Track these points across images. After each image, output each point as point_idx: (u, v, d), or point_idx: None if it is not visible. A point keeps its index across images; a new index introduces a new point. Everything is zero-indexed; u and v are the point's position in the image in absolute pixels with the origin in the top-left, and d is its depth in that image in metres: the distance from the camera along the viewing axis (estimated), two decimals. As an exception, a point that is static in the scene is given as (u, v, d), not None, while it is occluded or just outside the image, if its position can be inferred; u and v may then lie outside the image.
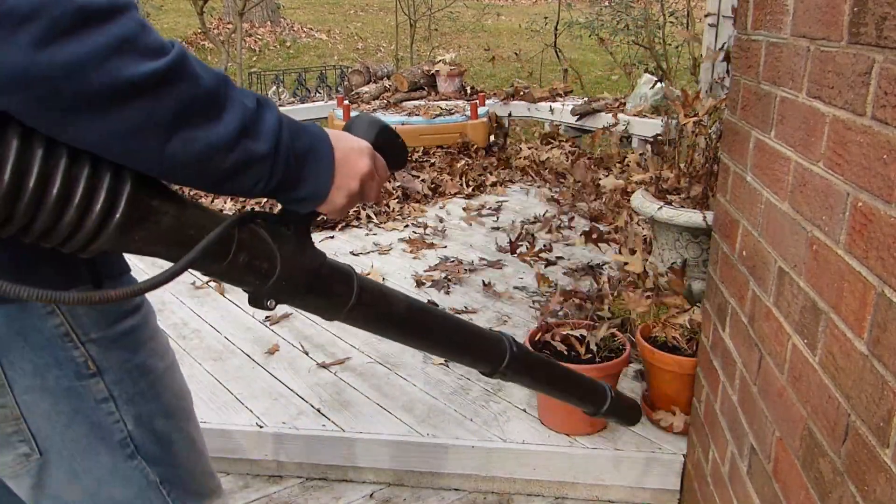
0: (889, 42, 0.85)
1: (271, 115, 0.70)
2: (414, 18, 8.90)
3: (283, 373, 2.32)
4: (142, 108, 0.60)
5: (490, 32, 12.76)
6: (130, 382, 0.86)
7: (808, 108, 1.10)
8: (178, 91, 0.62)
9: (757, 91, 1.36)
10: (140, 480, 0.89)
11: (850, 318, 0.95)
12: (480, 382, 2.24)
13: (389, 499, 1.96)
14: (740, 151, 1.45)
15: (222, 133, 0.66)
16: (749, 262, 1.38)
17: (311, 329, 2.62)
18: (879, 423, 0.87)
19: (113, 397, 0.85)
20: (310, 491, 1.98)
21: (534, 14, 10.39)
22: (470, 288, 2.99)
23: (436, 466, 1.98)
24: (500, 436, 1.98)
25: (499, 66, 9.75)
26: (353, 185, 0.79)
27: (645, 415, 2.05)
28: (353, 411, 2.10)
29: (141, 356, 0.88)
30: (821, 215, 1.05)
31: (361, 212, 3.86)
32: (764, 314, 1.28)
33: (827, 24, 1.03)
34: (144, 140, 0.62)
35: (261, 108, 0.70)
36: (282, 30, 11.82)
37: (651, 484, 1.91)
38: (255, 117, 0.69)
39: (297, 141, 0.73)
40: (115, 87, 0.57)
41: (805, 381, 1.09)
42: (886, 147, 0.86)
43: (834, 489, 0.99)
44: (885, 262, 0.86)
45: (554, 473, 1.94)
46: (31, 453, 0.83)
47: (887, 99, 0.86)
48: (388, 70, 5.76)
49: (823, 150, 1.04)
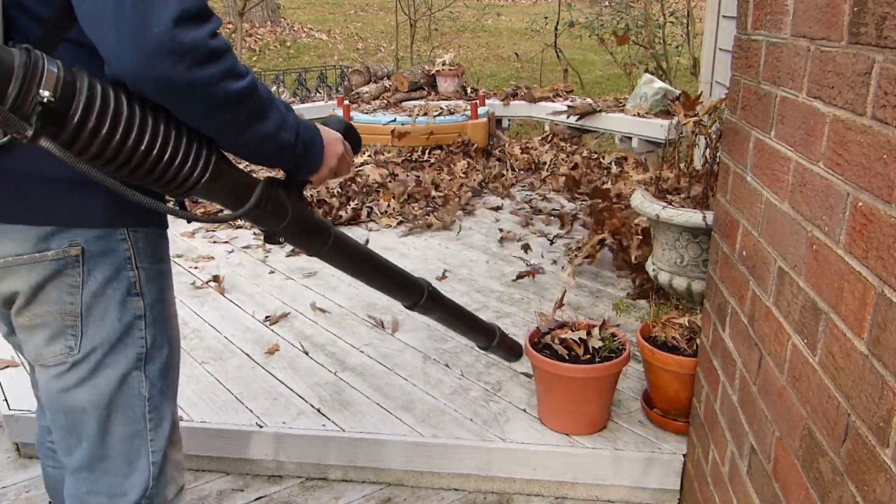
0: (889, 42, 0.85)
1: (293, 116, 1.06)
2: (414, 18, 8.90)
3: (283, 373, 2.32)
4: (234, 111, 0.95)
5: (490, 32, 12.76)
6: (157, 310, 1.15)
7: (808, 107, 1.10)
8: (252, 100, 0.97)
9: (757, 91, 1.36)
10: (137, 391, 1.14)
11: (849, 318, 0.95)
12: (480, 382, 2.24)
13: (389, 499, 1.96)
14: (740, 151, 1.45)
15: (269, 128, 1.01)
16: (749, 262, 1.38)
17: (311, 329, 2.63)
18: (879, 423, 0.87)
19: (145, 316, 1.13)
20: (310, 491, 1.98)
21: (534, 14, 10.38)
22: (470, 288, 2.99)
23: (436, 466, 1.98)
24: (500, 436, 1.98)
25: (499, 66, 9.75)
26: (333, 163, 1.17)
27: (645, 414, 2.05)
28: (353, 411, 2.10)
29: (166, 294, 1.18)
30: (821, 215, 1.05)
31: (362, 212, 3.87)
32: (764, 314, 1.28)
33: (827, 24, 1.03)
34: (231, 131, 0.98)
35: (287, 111, 1.05)
36: (282, 30, 11.82)
37: (651, 484, 1.91)
38: (285, 117, 1.04)
39: (305, 134, 1.09)
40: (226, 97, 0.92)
41: (805, 380, 1.09)
42: (886, 147, 0.86)
43: (834, 489, 0.99)
44: (885, 262, 0.86)
45: (554, 473, 1.94)
46: (74, 349, 1.09)
47: (887, 99, 0.86)
48: (389, 70, 5.76)
49: (823, 150, 1.04)
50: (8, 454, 2.15)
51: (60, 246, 1.03)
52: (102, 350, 1.10)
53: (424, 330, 2.60)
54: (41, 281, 1.04)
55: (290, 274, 3.17)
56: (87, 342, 1.08)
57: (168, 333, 1.18)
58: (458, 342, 2.50)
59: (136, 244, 1.09)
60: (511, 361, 2.07)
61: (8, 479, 2.04)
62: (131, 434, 1.15)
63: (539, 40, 9.15)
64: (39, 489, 1.98)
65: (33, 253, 1.02)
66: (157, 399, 1.17)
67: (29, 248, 1.02)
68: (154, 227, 1.13)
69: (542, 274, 3.13)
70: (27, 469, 2.08)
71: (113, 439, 1.14)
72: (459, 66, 5.47)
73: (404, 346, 2.49)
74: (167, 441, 1.20)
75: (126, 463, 1.16)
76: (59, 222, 1.02)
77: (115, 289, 1.08)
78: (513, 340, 1.91)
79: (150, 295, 1.13)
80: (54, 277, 1.05)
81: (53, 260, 1.03)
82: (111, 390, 1.12)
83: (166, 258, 1.18)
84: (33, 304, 1.07)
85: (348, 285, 3.02)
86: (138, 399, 1.14)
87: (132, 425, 1.15)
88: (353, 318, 2.71)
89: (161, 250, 1.16)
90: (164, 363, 1.18)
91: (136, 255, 1.10)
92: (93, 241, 1.05)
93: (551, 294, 2.91)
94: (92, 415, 1.12)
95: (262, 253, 3.43)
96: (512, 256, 3.36)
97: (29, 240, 1.02)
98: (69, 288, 1.06)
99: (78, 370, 1.09)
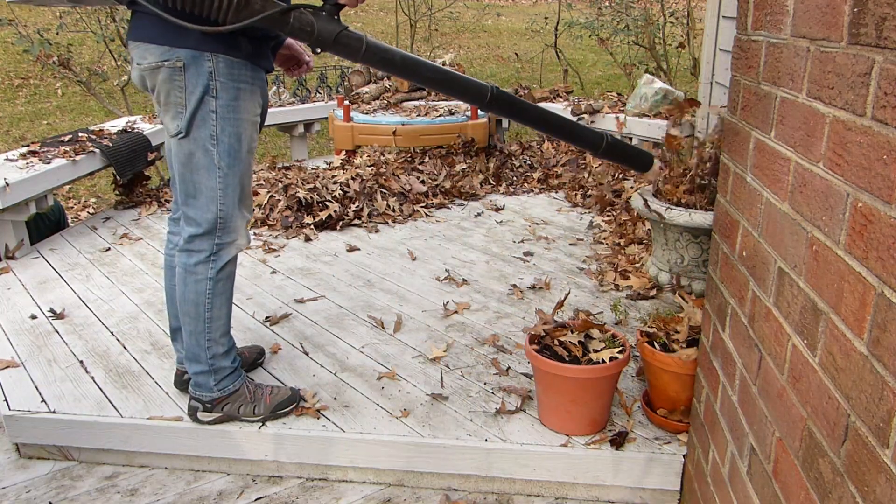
0: (889, 42, 0.85)
1: None
2: (414, 19, 8.90)
3: (284, 373, 2.32)
4: None
5: (490, 33, 12.76)
6: (226, 110, 1.75)
7: (809, 108, 1.10)
8: None
9: (757, 91, 1.36)
10: (212, 160, 1.77)
11: (849, 318, 0.95)
12: (480, 382, 2.24)
13: (389, 499, 1.96)
14: (740, 152, 1.45)
15: None
16: (749, 262, 1.38)
17: (310, 329, 2.63)
18: (879, 423, 0.87)
19: (216, 111, 1.74)
20: (310, 491, 1.98)
21: (534, 14, 10.38)
22: (469, 288, 2.99)
23: (436, 466, 1.98)
24: (500, 436, 1.98)
25: (499, 66, 9.75)
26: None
27: (645, 415, 2.05)
28: (353, 411, 2.10)
29: (238, 103, 1.76)
30: (821, 216, 1.05)
31: (363, 213, 3.87)
32: (764, 314, 1.28)
33: (827, 25, 1.03)
34: None
35: None
36: (282, 30, 11.79)
37: (651, 484, 1.91)
38: None
39: None
40: None
41: (805, 381, 1.09)
42: (886, 147, 0.86)
43: (834, 489, 0.99)
44: (885, 263, 0.86)
45: (554, 474, 1.94)
46: (181, 130, 1.75)
47: (887, 99, 0.86)
48: (389, 70, 5.74)
49: (823, 150, 1.04)
50: (8, 454, 2.15)
51: (171, 59, 1.68)
52: (192, 127, 1.74)
53: (424, 331, 2.60)
54: (164, 80, 1.71)
55: (290, 274, 3.17)
56: (185, 122, 1.74)
57: (237, 127, 1.77)
58: (458, 342, 2.50)
59: (216, 64, 1.70)
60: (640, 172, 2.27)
61: (8, 479, 2.04)
62: (211, 190, 1.80)
63: (539, 41, 9.15)
64: (39, 489, 1.98)
65: (160, 61, 1.69)
66: (227, 173, 1.80)
67: (158, 58, 1.69)
68: (231, 57, 1.71)
69: (542, 274, 3.13)
70: (27, 469, 2.08)
71: (199, 189, 1.80)
72: (460, 67, 5.47)
73: (404, 346, 2.49)
74: (235, 200, 1.84)
75: (205, 203, 1.81)
76: (171, 44, 1.67)
77: (201, 91, 1.71)
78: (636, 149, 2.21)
79: (222, 98, 1.73)
80: (169, 79, 1.70)
81: (168, 67, 1.69)
82: (196, 151, 1.77)
83: (246, 80, 1.76)
84: (162, 95, 1.74)
85: (348, 286, 3.02)
86: (215, 168, 1.78)
87: (211, 184, 1.80)
88: (354, 319, 2.71)
89: (239, 73, 1.74)
90: (231, 147, 1.78)
91: (216, 71, 1.70)
92: (189, 58, 1.68)
93: (552, 294, 2.91)
94: (184, 169, 1.79)
95: (262, 253, 3.43)
96: (512, 257, 3.36)
97: (157, 53, 1.69)
98: (178, 87, 1.71)
99: (181, 144, 1.76)
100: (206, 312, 1.90)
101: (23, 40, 6.30)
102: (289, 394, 2.07)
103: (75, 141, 4.09)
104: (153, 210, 4.16)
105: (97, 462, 2.11)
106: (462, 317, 2.72)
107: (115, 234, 3.80)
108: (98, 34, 6.92)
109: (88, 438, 2.08)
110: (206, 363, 1.94)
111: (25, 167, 3.55)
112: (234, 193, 1.83)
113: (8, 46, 9.90)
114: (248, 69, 1.76)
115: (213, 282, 1.88)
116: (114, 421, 2.07)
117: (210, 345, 1.93)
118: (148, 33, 1.69)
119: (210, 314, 1.90)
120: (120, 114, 7.02)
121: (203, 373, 1.95)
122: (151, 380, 2.29)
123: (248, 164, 1.86)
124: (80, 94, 8.99)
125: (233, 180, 1.81)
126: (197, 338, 1.91)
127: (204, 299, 1.89)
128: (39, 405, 2.14)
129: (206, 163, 1.77)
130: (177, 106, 1.73)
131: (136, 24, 1.73)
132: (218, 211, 1.82)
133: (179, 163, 1.80)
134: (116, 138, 4.18)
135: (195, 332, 1.91)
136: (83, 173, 3.88)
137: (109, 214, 4.17)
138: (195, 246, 1.86)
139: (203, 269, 1.87)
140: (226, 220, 1.84)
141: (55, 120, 8.36)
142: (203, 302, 1.89)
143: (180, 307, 1.92)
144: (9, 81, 9.43)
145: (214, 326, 1.92)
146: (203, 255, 1.86)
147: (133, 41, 1.74)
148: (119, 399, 2.17)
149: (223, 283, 1.91)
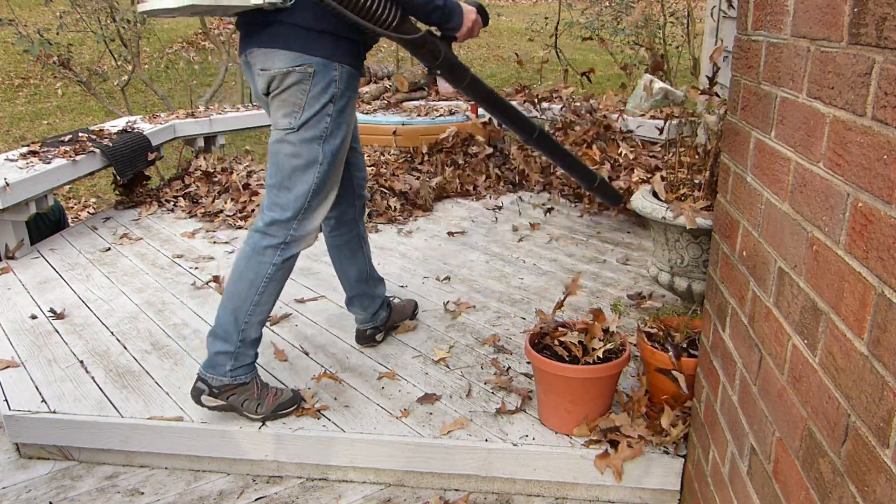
0: (889, 42, 0.85)
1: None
2: (414, 19, 8.88)
3: (284, 373, 2.32)
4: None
5: (490, 33, 12.75)
6: (339, 115, 1.90)
7: (809, 108, 1.10)
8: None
9: (757, 91, 1.36)
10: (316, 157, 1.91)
11: (850, 318, 0.95)
12: (480, 382, 2.24)
13: (389, 499, 1.96)
14: (740, 152, 1.45)
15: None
16: (749, 262, 1.38)
17: (311, 329, 2.63)
18: (879, 423, 0.87)
19: (332, 114, 1.88)
20: (310, 491, 1.98)
21: (534, 14, 10.38)
22: (469, 288, 2.99)
23: (436, 467, 1.98)
24: (500, 436, 1.98)
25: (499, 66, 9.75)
26: (469, 24, 1.93)
27: (645, 415, 2.05)
28: (353, 411, 2.10)
29: (346, 110, 1.93)
30: (821, 216, 1.05)
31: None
32: (764, 314, 1.28)
33: (827, 25, 1.03)
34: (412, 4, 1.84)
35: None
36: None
37: (651, 484, 1.91)
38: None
39: (450, 3, 1.89)
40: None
41: (805, 381, 1.09)
42: (886, 147, 0.86)
43: (834, 489, 0.99)
44: (885, 263, 0.86)
45: (554, 474, 1.94)
46: (292, 127, 1.87)
47: (887, 99, 0.86)
48: (389, 70, 5.77)
49: (824, 150, 1.04)
50: (8, 454, 2.15)
51: (303, 65, 1.81)
52: (305, 126, 1.87)
53: (424, 330, 2.60)
54: (291, 83, 1.83)
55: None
56: (300, 121, 1.86)
57: (343, 131, 1.93)
58: (459, 342, 2.50)
59: (341, 73, 1.86)
60: (613, 205, 2.67)
61: (8, 479, 2.04)
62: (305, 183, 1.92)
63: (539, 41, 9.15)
64: (39, 489, 1.98)
65: (292, 66, 1.81)
66: (325, 170, 1.93)
67: (288, 63, 1.81)
68: (352, 68, 1.89)
69: (542, 274, 3.13)
70: (27, 469, 2.08)
71: (294, 181, 1.92)
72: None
73: (404, 346, 2.49)
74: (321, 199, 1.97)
75: (295, 196, 1.93)
76: (305, 52, 1.81)
77: (324, 95, 1.85)
78: (614, 188, 2.57)
79: (338, 104, 1.89)
80: (297, 83, 1.83)
81: (299, 72, 1.82)
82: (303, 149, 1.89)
83: (355, 90, 1.94)
84: (284, 94, 1.85)
85: (348, 285, 3.02)
86: (316, 164, 1.91)
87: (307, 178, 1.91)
88: (354, 319, 2.70)
89: (353, 84, 1.92)
90: (335, 148, 1.93)
91: (340, 80, 1.86)
92: (319, 65, 1.82)
93: (552, 294, 2.91)
94: (285, 161, 1.91)
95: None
96: (512, 257, 3.36)
97: (289, 59, 1.81)
98: (302, 90, 1.84)
99: (287, 139, 1.89)
100: (256, 295, 1.95)
101: (23, 40, 6.30)
102: (290, 395, 2.08)
103: (75, 141, 4.10)
104: (153, 210, 4.16)
105: (97, 462, 2.11)
106: (462, 317, 2.72)
107: (115, 234, 3.80)
108: (98, 34, 6.92)
109: (88, 438, 2.08)
110: (234, 344, 1.96)
111: (25, 167, 3.55)
112: (323, 193, 1.95)
113: (8, 46, 9.90)
114: (356, 80, 1.92)
115: (276, 268, 1.96)
116: (114, 421, 2.07)
117: (246, 327, 1.96)
118: (282, 41, 1.80)
119: (259, 297, 1.96)
120: (120, 114, 7.02)
121: (224, 353, 1.97)
122: (151, 380, 2.29)
123: (340, 169, 1.99)
124: (80, 94, 9.00)
125: (326, 180, 1.94)
126: (237, 315, 1.96)
127: (261, 281, 1.95)
128: (39, 405, 2.14)
129: (309, 160, 1.89)
130: (294, 106, 1.85)
131: (265, 32, 1.83)
132: (305, 203, 1.93)
133: (283, 155, 1.91)
134: (116, 138, 4.18)
135: (237, 308, 1.96)
136: (83, 173, 3.88)
137: (109, 214, 4.17)
138: (272, 231, 1.94)
139: (271, 253, 1.94)
140: (307, 215, 1.95)
141: (55, 120, 8.37)
142: (259, 284, 1.95)
143: (233, 284, 1.97)
144: (9, 81, 9.43)
145: (258, 311, 1.97)
146: (276, 241, 1.94)
147: (258, 48, 1.84)
148: (119, 399, 2.17)
149: (282, 272, 1.98)
